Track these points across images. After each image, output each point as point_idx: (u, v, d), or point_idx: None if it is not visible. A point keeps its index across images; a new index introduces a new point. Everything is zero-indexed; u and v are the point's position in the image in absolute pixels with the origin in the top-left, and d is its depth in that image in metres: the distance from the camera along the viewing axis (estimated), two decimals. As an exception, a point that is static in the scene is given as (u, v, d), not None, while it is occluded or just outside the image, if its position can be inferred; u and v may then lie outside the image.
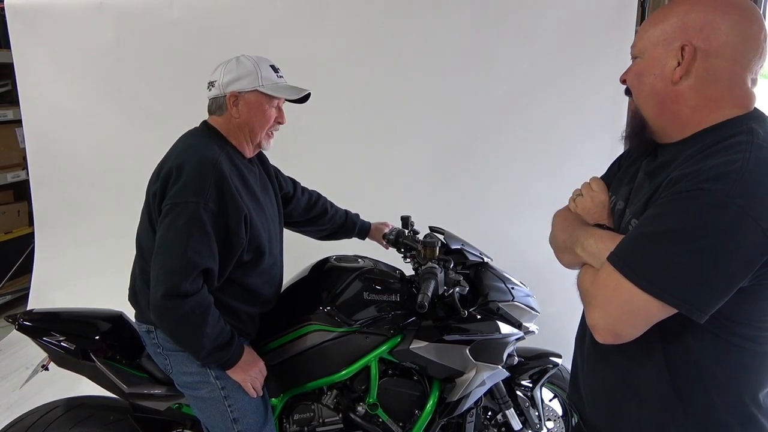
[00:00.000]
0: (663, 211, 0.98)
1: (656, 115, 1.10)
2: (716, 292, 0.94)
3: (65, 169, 3.71)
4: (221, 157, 1.61)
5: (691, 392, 1.06)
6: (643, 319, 1.00)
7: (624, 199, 1.20)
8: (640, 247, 1.00)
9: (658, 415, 1.11)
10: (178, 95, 2.83)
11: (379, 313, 1.85)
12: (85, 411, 1.84)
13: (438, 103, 3.14)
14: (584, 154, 2.93)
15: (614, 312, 1.01)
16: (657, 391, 1.10)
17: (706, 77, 1.03)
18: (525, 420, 2.13)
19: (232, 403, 1.71)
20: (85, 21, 3.40)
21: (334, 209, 2.19)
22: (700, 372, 1.05)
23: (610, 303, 1.01)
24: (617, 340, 1.03)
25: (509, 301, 1.94)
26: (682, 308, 0.95)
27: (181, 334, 1.61)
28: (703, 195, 0.93)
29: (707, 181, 0.93)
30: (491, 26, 2.99)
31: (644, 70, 1.09)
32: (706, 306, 0.95)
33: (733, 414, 1.05)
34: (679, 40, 1.03)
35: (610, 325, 1.02)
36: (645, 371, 1.11)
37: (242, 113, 1.69)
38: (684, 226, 0.94)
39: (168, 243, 1.53)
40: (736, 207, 0.90)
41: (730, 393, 1.05)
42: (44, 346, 1.80)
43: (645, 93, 1.10)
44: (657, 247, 0.97)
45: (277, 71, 1.72)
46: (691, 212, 0.94)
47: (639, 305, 0.98)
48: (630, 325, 1.01)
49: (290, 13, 3.18)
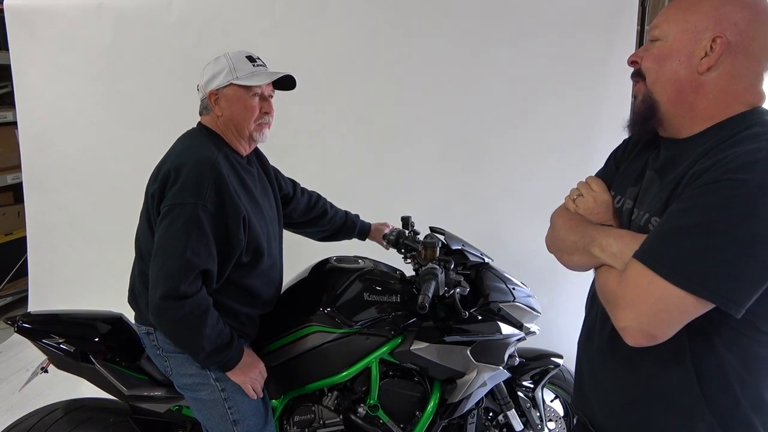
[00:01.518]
0: (690, 204, 0.95)
1: (671, 103, 1.08)
2: (751, 284, 0.92)
3: (60, 171, 3.70)
4: (219, 157, 1.61)
5: (717, 392, 1.04)
6: (678, 317, 0.96)
7: (632, 198, 1.18)
8: (671, 242, 0.96)
9: (685, 418, 1.08)
10: (176, 97, 2.82)
11: (380, 314, 1.85)
12: (85, 413, 1.84)
13: (438, 104, 3.14)
14: (585, 155, 2.92)
15: (647, 312, 0.97)
16: (683, 394, 1.07)
17: (731, 72, 1.02)
18: (526, 421, 2.13)
19: (233, 405, 1.70)
20: (83, 23, 3.39)
21: (334, 210, 2.19)
22: (726, 372, 1.03)
23: (643, 302, 0.97)
24: (651, 342, 0.98)
25: (510, 302, 1.93)
26: (718, 302, 0.92)
27: (180, 336, 1.60)
28: (732, 185, 0.91)
29: (735, 171, 0.91)
30: (492, 26, 2.99)
31: (668, 55, 1.06)
32: (743, 298, 0.92)
33: (756, 411, 1.04)
34: (712, 30, 1.01)
35: (644, 325, 0.97)
36: (671, 374, 1.08)
37: (224, 110, 1.68)
38: (715, 218, 0.91)
39: (166, 244, 1.53)
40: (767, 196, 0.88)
41: (753, 391, 1.04)
42: (43, 349, 1.79)
43: (665, 78, 1.07)
44: (688, 241, 0.93)
45: (254, 61, 1.71)
46: (721, 203, 0.91)
47: (674, 302, 0.94)
48: (665, 325, 0.97)
49: (289, 15, 3.18)
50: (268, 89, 1.74)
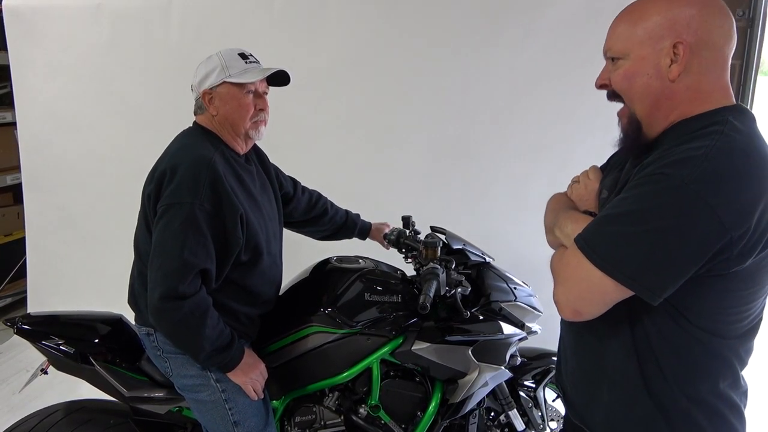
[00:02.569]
0: (627, 194, 1.01)
1: (648, 113, 1.10)
2: (668, 275, 0.97)
3: (59, 172, 3.69)
4: (215, 156, 1.60)
5: (654, 380, 1.09)
6: (600, 298, 1.03)
7: (608, 188, 1.23)
8: (601, 227, 1.03)
9: (625, 398, 1.14)
10: (175, 98, 2.81)
11: (381, 315, 1.84)
12: (85, 414, 1.83)
13: (438, 103, 3.13)
14: (585, 154, 2.88)
15: (574, 289, 1.05)
16: (625, 375, 1.13)
17: (700, 70, 1.03)
18: (528, 420, 2.12)
19: (233, 406, 1.70)
20: (82, 22, 3.38)
21: (335, 209, 2.18)
22: (660, 360, 1.08)
23: (571, 280, 1.05)
24: (578, 318, 1.06)
25: (512, 302, 1.93)
26: (634, 288, 0.98)
27: (179, 337, 1.59)
28: (662, 179, 0.96)
29: (668, 166, 0.96)
30: (491, 25, 2.98)
31: (635, 71, 1.08)
32: (658, 288, 0.97)
33: (694, 403, 1.08)
34: (669, 38, 1.02)
35: (571, 302, 1.06)
36: (615, 355, 1.14)
37: (219, 109, 1.67)
38: (641, 208, 0.97)
39: (164, 244, 1.52)
40: (692, 192, 0.92)
41: (688, 383, 1.08)
42: (43, 350, 1.78)
43: (639, 93, 1.09)
44: (615, 227, 1.00)
45: (246, 58, 1.69)
46: (649, 195, 0.97)
47: (596, 283, 1.01)
48: (588, 303, 1.04)
49: (288, 15, 3.17)
50: (262, 86, 1.73)
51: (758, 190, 0.94)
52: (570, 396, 1.32)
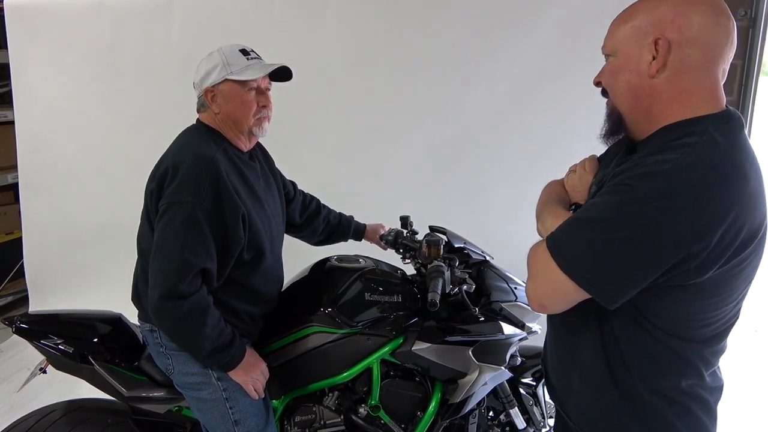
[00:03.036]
0: (597, 200, 1.05)
1: (630, 110, 1.12)
2: (624, 284, 1.01)
3: (57, 171, 3.69)
4: (218, 154, 1.59)
5: (620, 374, 1.14)
6: (562, 297, 1.08)
7: (597, 183, 1.25)
8: (570, 230, 1.07)
9: (593, 388, 1.19)
10: (175, 97, 2.81)
11: (381, 314, 1.83)
12: (84, 414, 1.83)
13: (437, 103, 3.13)
14: (585, 153, 2.90)
15: (540, 285, 1.10)
16: (593, 367, 1.18)
17: (681, 68, 1.03)
18: (528, 418, 2.12)
19: (234, 405, 1.69)
20: (83, 21, 3.39)
21: (327, 210, 2.18)
22: (624, 356, 1.13)
23: (538, 278, 1.11)
24: (544, 311, 1.15)
25: (512, 301, 1.92)
26: (591, 292, 1.03)
27: (180, 336, 1.59)
28: (627, 190, 0.99)
29: (634, 178, 0.99)
30: (492, 25, 2.97)
31: (619, 68, 1.10)
32: (615, 294, 1.02)
33: (659, 398, 1.12)
34: (652, 34, 1.04)
35: (538, 296, 1.12)
36: (585, 349, 1.19)
37: (221, 106, 1.66)
38: (606, 216, 1.00)
39: (164, 243, 1.51)
40: (653, 206, 0.95)
41: (652, 379, 1.12)
42: (42, 349, 1.78)
43: (621, 89, 1.11)
44: (581, 232, 1.04)
45: (248, 54, 1.68)
46: (614, 204, 1.00)
47: (558, 282, 1.05)
48: (552, 300, 1.10)
49: (289, 13, 3.17)
50: (265, 82, 1.71)
51: (722, 208, 0.94)
52: (550, 379, 1.37)
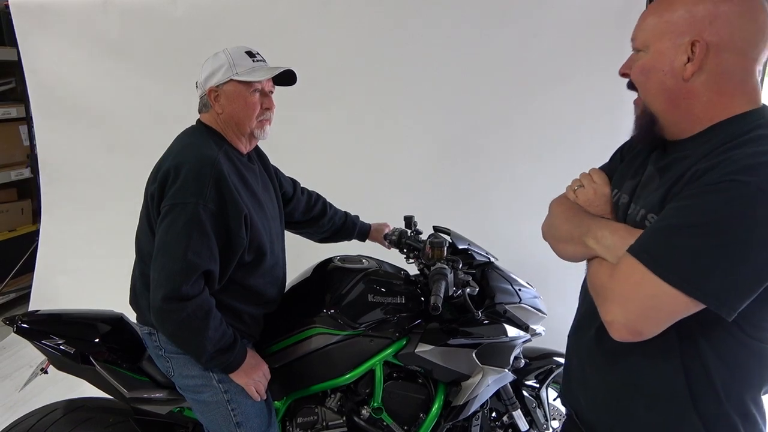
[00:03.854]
0: (690, 203, 0.94)
1: (667, 112, 1.06)
2: (745, 288, 0.91)
3: (73, 167, 3.72)
4: (220, 155, 1.58)
5: (702, 393, 1.04)
6: (668, 316, 0.95)
7: (629, 192, 1.17)
8: (668, 239, 0.95)
9: (667, 416, 1.08)
10: (182, 93, 2.81)
11: (384, 316, 1.82)
12: (85, 413, 1.82)
13: (441, 102, 3.12)
14: (590, 154, 2.84)
15: (636, 308, 0.97)
16: (668, 392, 1.06)
17: (719, 72, 0.99)
18: (531, 420, 2.11)
19: (236, 407, 1.69)
20: (89, 19, 3.40)
21: (333, 210, 2.17)
22: (710, 371, 1.02)
23: (632, 298, 0.97)
24: (637, 338, 0.98)
25: (516, 303, 1.91)
26: (710, 304, 0.91)
27: (182, 338, 1.58)
28: (734, 186, 0.89)
29: (737, 173, 0.90)
30: (496, 24, 2.96)
31: (651, 66, 1.05)
32: (735, 302, 0.91)
33: (739, 415, 1.04)
34: (689, 34, 0.98)
35: (631, 321, 0.97)
36: (657, 371, 1.07)
37: (225, 107, 1.66)
38: (714, 219, 0.90)
39: (167, 245, 1.50)
40: (767, 200, 0.87)
41: (737, 395, 1.03)
42: (43, 350, 1.77)
43: (654, 90, 1.06)
44: (686, 240, 0.92)
45: (254, 56, 1.68)
46: (721, 205, 0.90)
47: (665, 300, 0.93)
48: (652, 322, 0.97)
49: (293, 12, 3.17)
50: (269, 85, 1.71)
51: None
52: (587, 416, 1.24)
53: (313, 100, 3.09)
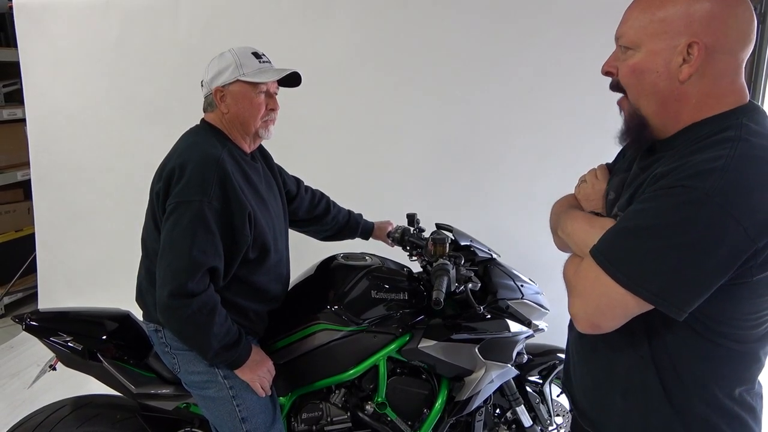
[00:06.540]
0: (644, 206, 0.97)
1: (657, 114, 1.05)
2: (694, 290, 0.94)
3: (68, 168, 3.73)
4: (223, 154, 1.60)
5: (672, 385, 1.07)
6: (621, 313, 1.00)
7: (615, 189, 1.20)
8: (621, 241, 0.99)
9: (641, 405, 1.11)
10: (183, 95, 2.84)
11: (387, 312, 1.84)
12: (92, 410, 1.84)
13: (444, 101, 3.12)
14: (592, 152, 2.84)
15: (593, 303, 1.02)
16: (641, 382, 1.10)
17: (714, 74, 0.98)
18: (535, 416, 2.11)
19: (241, 403, 1.70)
20: (91, 20, 3.41)
21: (337, 208, 2.18)
22: (677, 367, 1.05)
23: (590, 294, 1.02)
24: (596, 331, 1.04)
25: (519, 299, 1.91)
26: (658, 305, 0.95)
27: (188, 334, 1.60)
28: (683, 192, 0.92)
29: (688, 178, 0.92)
30: (497, 23, 2.97)
31: (644, 67, 1.01)
32: (684, 304, 0.94)
33: (713, 409, 1.06)
34: (685, 35, 0.96)
35: (589, 315, 1.03)
36: (630, 362, 1.11)
37: (230, 107, 1.67)
38: (663, 222, 0.93)
39: (173, 242, 1.52)
40: (716, 205, 0.88)
41: (706, 388, 1.05)
42: (51, 346, 1.79)
43: (647, 92, 1.03)
44: (636, 242, 0.96)
45: (260, 57, 1.69)
46: (670, 209, 0.93)
47: (616, 299, 0.98)
48: (608, 318, 1.01)
49: (295, 12, 3.18)
50: (273, 86, 1.73)
51: None
52: (580, 403, 1.28)
53: (315, 98, 3.10)
